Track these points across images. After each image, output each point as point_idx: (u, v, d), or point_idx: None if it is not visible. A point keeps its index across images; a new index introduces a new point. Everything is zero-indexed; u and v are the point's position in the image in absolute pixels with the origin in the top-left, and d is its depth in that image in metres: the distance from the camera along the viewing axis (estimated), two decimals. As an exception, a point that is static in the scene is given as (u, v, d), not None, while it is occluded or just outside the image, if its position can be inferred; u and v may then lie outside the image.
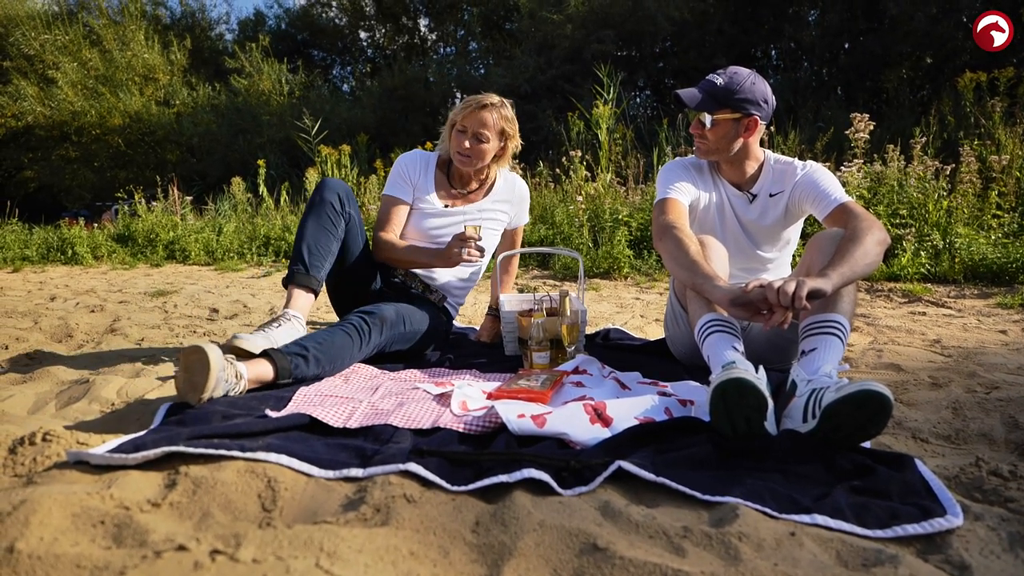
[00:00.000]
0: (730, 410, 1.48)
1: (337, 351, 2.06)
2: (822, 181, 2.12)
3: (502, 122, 2.51)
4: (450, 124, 2.53)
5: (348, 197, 2.39)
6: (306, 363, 1.96)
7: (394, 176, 2.62)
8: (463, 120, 2.47)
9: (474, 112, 2.45)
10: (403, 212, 2.58)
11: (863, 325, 3.11)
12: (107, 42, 17.18)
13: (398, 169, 2.62)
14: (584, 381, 1.98)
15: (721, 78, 2.13)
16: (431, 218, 2.57)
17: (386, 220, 2.57)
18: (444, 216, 2.58)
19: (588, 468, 1.35)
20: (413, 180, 2.60)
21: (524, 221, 2.84)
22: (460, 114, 2.47)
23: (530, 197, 2.85)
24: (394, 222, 2.56)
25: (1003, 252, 4.25)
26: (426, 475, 1.31)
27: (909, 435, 1.70)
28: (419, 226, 2.58)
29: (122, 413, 1.81)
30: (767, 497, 1.27)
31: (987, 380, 2.15)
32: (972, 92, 6.01)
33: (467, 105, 2.47)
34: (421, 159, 2.64)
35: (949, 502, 1.25)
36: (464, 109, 2.47)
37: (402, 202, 2.57)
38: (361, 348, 2.13)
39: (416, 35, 20.39)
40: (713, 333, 1.82)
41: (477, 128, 2.47)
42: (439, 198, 2.61)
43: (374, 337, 2.16)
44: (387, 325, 2.21)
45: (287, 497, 1.26)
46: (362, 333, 2.14)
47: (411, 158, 2.64)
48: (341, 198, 2.35)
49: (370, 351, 2.20)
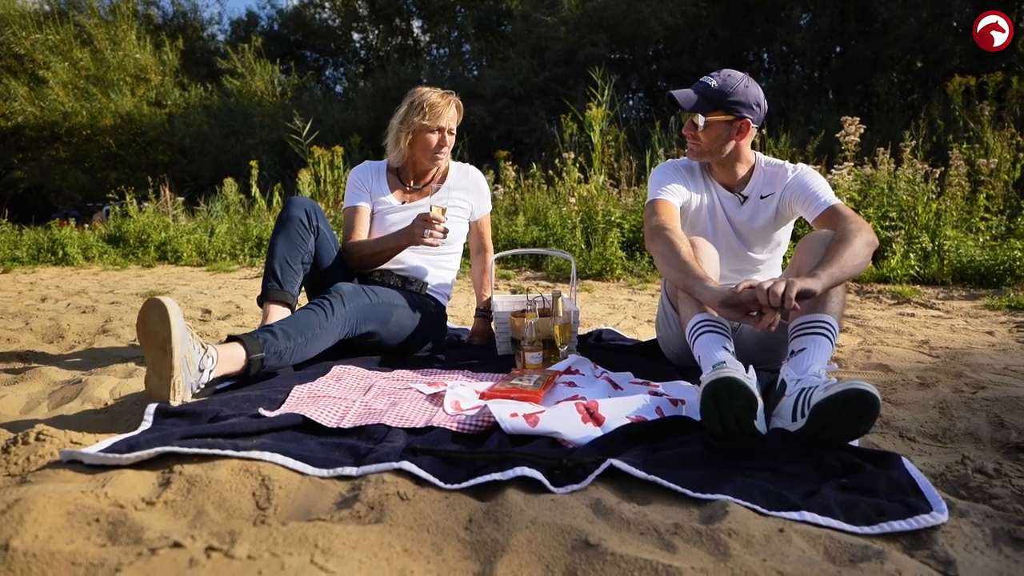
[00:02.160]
0: (721, 409, 1.49)
1: (303, 322, 2.09)
2: (812, 184, 2.15)
3: (459, 109, 2.61)
4: (412, 129, 2.55)
5: (315, 212, 2.43)
6: (275, 337, 2.00)
7: (349, 188, 2.70)
8: (434, 121, 2.51)
9: (444, 110, 2.52)
10: (365, 215, 2.65)
11: (852, 326, 3.14)
12: (98, 42, 17.06)
13: (352, 180, 2.70)
14: (576, 381, 1.99)
15: (715, 80, 2.15)
16: (391, 215, 2.63)
17: (351, 228, 2.64)
18: (403, 211, 2.64)
19: (580, 466, 1.37)
20: (368, 186, 2.67)
21: (487, 210, 2.85)
22: (428, 116, 2.50)
23: (488, 186, 2.86)
24: (359, 228, 2.63)
25: (991, 254, 4.29)
26: (420, 473, 1.32)
27: (897, 434, 1.72)
28: (382, 226, 2.63)
29: (115, 413, 1.81)
30: (756, 495, 1.28)
31: (974, 380, 2.18)
32: (961, 96, 6.06)
33: (433, 106, 2.50)
34: (371, 167, 2.73)
35: (935, 499, 1.27)
36: (431, 110, 2.50)
37: (362, 207, 2.64)
38: (328, 318, 2.14)
39: (409, 37, 20.37)
40: (704, 333, 1.84)
41: (448, 124, 2.55)
42: (395, 198, 2.67)
43: (337, 308, 2.16)
44: (346, 296, 2.21)
45: (281, 495, 1.27)
46: (323, 306, 2.16)
47: (361, 169, 2.72)
48: (308, 213, 2.40)
49: (342, 325, 2.19)
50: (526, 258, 5.77)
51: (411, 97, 2.57)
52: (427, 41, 20.12)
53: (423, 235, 2.31)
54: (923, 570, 1.03)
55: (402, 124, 2.55)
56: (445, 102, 2.53)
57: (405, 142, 2.57)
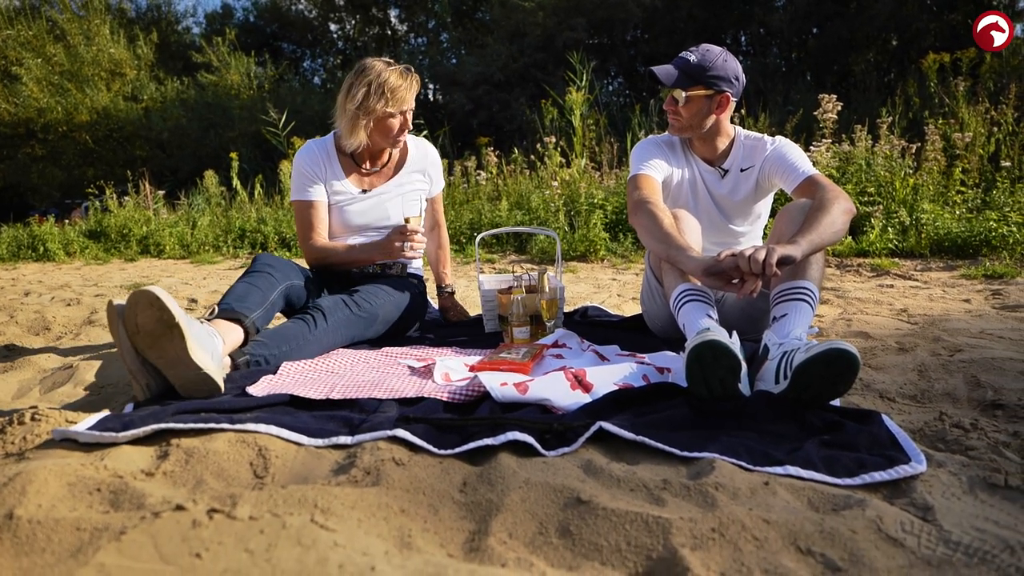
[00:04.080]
0: (705, 372, 1.53)
1: (286, 332, 2.00)
2: (790, 155, 2.18)
3: (417, 84, 2.41)
4: (373, 116, 2.32)
5: (283, 264, 2.26)
6: (255, 345, 1.92)
7: (297, 178, 2.47)
8: (398, 106, 2.32)
9: (407, 93, 2.33)
10: (322, 210, 2.46)
11: (833, 298, 3.20)
12: (71, 37, 16.82)
13: (299, 169, 2.46)
14: (564, 354, 2.02)
15: (694, 55, 2.17)
16: (351, 206, 2.47)
17: (308, 226, 2.44)
18: (364, 201, 2.48)
19: (570, 430, 1.40)
20: (319, 175, 2.46)
21: (440, 187, 2.72)
22: (391, 102, 2.30)
23: (441, 162, 2.75)
24: (317, 226, 2.44)
25: (967, 227, 4.37)
26: (414, 440, 1.35)
27: (877, 395, 1.77)
28: (343, 219, 2.48)
29: (109, 394, 1.82)
30: (742, 452, 1.32)
31: (951, 344, 2.24)
32: (936, 73, 6.14)
33: (395, 90, 2.29)
34: (319, 149, 2.48)
35: (913, 451, 1.32)
36: (394, 95, 2.29)
37: (317, 203, 2.45)
38: (311, 331, 2.05)
39: (387, 26, 20.24)
40: (688, 302, 1.88)
41: (409, 105, 2.36)
42: (353, 183, 2.49)
43: (320, 322, 2.08)
44: (327, 311, 2.13)
45: (278, 464, 1.29)
46: (306, 320, 2.08)
47: (308, 153, 2.47)
48: (272, 264, 2.22)
49: (328, 338, 2.11)
50: (510, 241, 5.80)
51: (366, 76, 2.28)
52: (404, 31, 20.00)
53: (402, 249, 2.22)
54: (903, 516, 1.07)
55: (360, 110, 2.31)
56: (407, 83, 2.32)
57: (364, 130, 2.35)
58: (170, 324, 1.60)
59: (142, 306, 1.59)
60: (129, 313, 1.59)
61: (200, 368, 1.63)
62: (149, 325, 1.59)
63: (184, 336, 1.61)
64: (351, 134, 2.36)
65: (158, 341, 1.60)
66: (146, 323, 1.59)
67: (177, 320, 1.60)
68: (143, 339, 1.60)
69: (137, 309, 1.59)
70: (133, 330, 1.60)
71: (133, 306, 1.59)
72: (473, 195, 6.82)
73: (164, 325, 1.60)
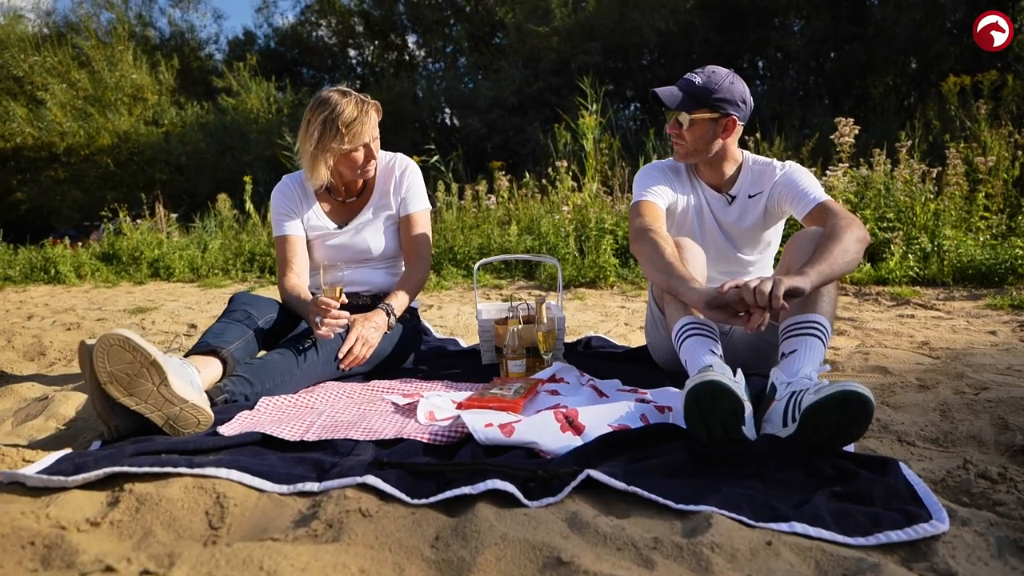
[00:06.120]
0: (705, 414, 1.42)
1: (271, 367, 1.91)
2: (801, 180, 2.08)
3: (378, 111, 2.27)
4: (332, 154, 2.19)
5: (261, 301, 2.18)
6: (233, 384, 1.83)
7: (275, 215, 2.40)
8: (355, 142, 2.18)
9: (363, 126, 2.17)
10: (299, 246, 2.36)
11: (850, 328, 3.06)
12: (96, 63, 17.15)
13: (276, 205, 2.39)
14: (560, 389, 1.91)
15: (699, 77, 2.08)
16: (331, 240, 2.39)
17: (283, 262, 2.36)
18: (341, 235, 2.39)
19: (556, 478, 1.29)
20: (295, 210, 2.38)
21: (417, 208, 2.43)
22: (348, 139, 2.16)
23: (420, 176, 2.50)
24: (292, 262, 2.34)
25: (991, 253, 4.22)
26: (385, 488, 1.25)
27: (895, 438, 1.64)
28: (324, 255, 2.41)
29: (79, 429, 1.74)
30: (744, 505, 1.21)
31: (976, 381, 2.10)
32: (956, 96, 6.01)
33: (350, 125, 2.15)
34: (294, 184, 2.40)
35: (935, 506, 1.20)
36: (349, 131, 2.15)
37: (293, 237, 2.36)
38: (299, 365, 1.96)
39: (405, 52, 20.44)
40: (690, 337, 1.76)
41: (372, 136, 2.23)
42: (330, 217, 2.41)
43: (310, 355, 1.99)
44: (318, 343, 2.02)
45: (236, 513, 1.20)
46: (295, 351, 1.98)
47: (283, 188, 2.40)
48: (249, 303, 2.14)
49: (317, 371, 2.02)
50: (519, 268, 5.70)
51: (322, 112, 2.15)
52: (423, 56, 20.18)
53: (317, 325, 1.99)
54: (922, 584, 0.96)
55: (318, 149, 2.18)
56: (363, 114, 2.17)
57: (326, 167, 2.22)
58: (146, 362, 1.53)
59: (113, 352, 1.51)
60: (99, 363, 1.50)
61: (186, 400, 1.57)
62: (123, 370, 1.52)
63: (164, 371, 1.54)
64: (312, 173, 2.24)
65: (135, 382, 1.53)
66: (119, 369, 1.52)
67: (153, 356, 1.54)
68: (117, 388, 1.52)
69: (107, 357, 1.51)
70: (106, 379, 1.51)
71: (103, 354, 1.50)
72: (483, 219, 6.75)
73: (140, 365, 1.53)
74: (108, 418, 1.54)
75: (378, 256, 2.42)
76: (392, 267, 2.50)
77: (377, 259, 2.43)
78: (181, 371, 1.62)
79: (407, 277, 2.39)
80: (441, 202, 7.14)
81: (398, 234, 2.46)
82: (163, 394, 1.53)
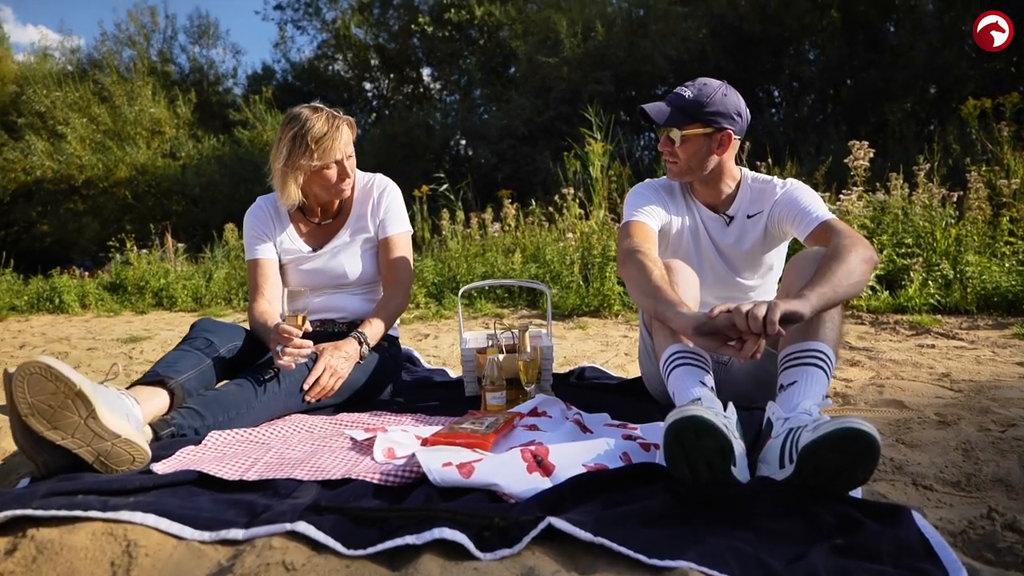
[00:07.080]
0: (687, 453, 1.26)
1: (226, 400, 1.77)
2: (803, 199, 1.93)
3: (352, 127, 2.18)
4: (298, 169, 2.10)
5: (223, 328, 2.07)
6: (182, 417, 1.69)
7: (248, 240, 2.30)
8: (326, 158, 2.08)
9: (334, 142, 2.08)
10: (270, 270, 2.26)
11: (864, 359, 2.87)
12: (116, 98, 17.46)
13: (248, 229, 2.30)
14: (540, 424, 1.75)
15: (690, 90, 1.96)
16: (305, 264, 2.28)
17: (253, 287, 2.25)
18: (315, 259, 2.29)
19: (516, 525, 1.13)
20: (267, 233, 2.28)
21: (397, 230, 2.30)
22: (318, 155, 2.07)
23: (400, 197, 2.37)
24: (262, 287, 2.23)
25: (1018, 280, 4.00)
26: (316, 536, 1.10)
27: (910, 481, 1.47)
28: (298, 279, 2.31)
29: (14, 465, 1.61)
30: (729, 560, 1.05)
31: (1002, 417, 1.91)
32: (976, 119, 5.82)
33: (320, 141, 2.05)
34: (268, 207, 2.31)
35: (953, 565, 1.04)
36: (319, 147, 2.06)
37: (265, 261, 2.26)
38: (258, 396, 1.82)
39: (420, 84, 20.62)
40: (679, 366, 1.61)
41: (345, 150, 2.13)
42: (304, 241, 2.31)
43: (271, 386, 1.86)
44: (282, 372, 1.89)
45: (146, 565, 1.05)
46: (253, 381, 1.85)
47: (258, 212, 2.31)
48: (210, 330, 2.03)
49: (282, 402, 1.89)
50: (523, 296, 5.56)
51: (291, 128, 2.07)
52: (438, 88, 20.35)
53: (278, 355, 1.86)
54: (936, 664, 0.79)
55: (287, 167, 2.09)
56: (333, 129, 2.08)
57: (296, 186, 2.13)
58: (71, 393, 1.39)
59: (33, 381, 1.37)
60: (19, 393, 1.36)
61: (118, 435, 1.42)
62: (45, 401, 1.37)
63: (91, 402, 1.40)
64: (282, 192, 2.15)
65: (59, 414, 1.38)
66: (41, 401, 1.37)
67: (79, 387, 1.39)
68: (39, 420, 1.37)
69: (27, 387, 1.36)
70: (27, 411, 1.37)
71: (22, 384, 1.36)
72: (488, 247, 6.63)
73: (64, 396, 1.38)
74: (35, 454, 1.41)
75: (355, 281, 2.29)
76: (370, 293, 2.36)
77: (354, 284, 2.30)
78: (115, 403, 1.48)
79: (384, 303, 2.24)
80: (446, 230, 7.05)
81: (376, 258, 2.32)
82: (91, 428, 1.39)
